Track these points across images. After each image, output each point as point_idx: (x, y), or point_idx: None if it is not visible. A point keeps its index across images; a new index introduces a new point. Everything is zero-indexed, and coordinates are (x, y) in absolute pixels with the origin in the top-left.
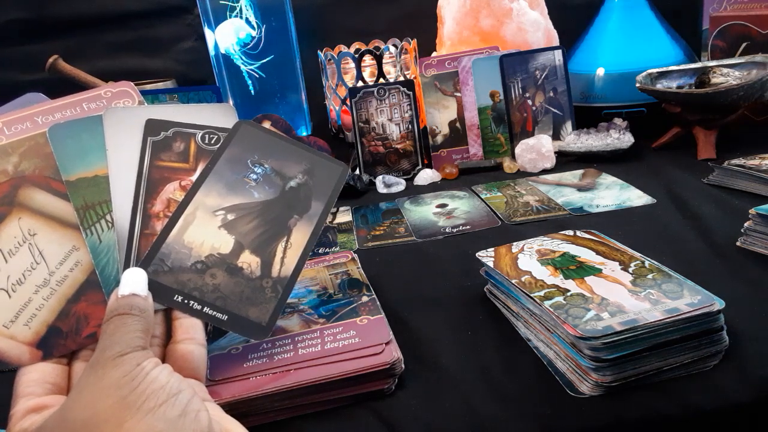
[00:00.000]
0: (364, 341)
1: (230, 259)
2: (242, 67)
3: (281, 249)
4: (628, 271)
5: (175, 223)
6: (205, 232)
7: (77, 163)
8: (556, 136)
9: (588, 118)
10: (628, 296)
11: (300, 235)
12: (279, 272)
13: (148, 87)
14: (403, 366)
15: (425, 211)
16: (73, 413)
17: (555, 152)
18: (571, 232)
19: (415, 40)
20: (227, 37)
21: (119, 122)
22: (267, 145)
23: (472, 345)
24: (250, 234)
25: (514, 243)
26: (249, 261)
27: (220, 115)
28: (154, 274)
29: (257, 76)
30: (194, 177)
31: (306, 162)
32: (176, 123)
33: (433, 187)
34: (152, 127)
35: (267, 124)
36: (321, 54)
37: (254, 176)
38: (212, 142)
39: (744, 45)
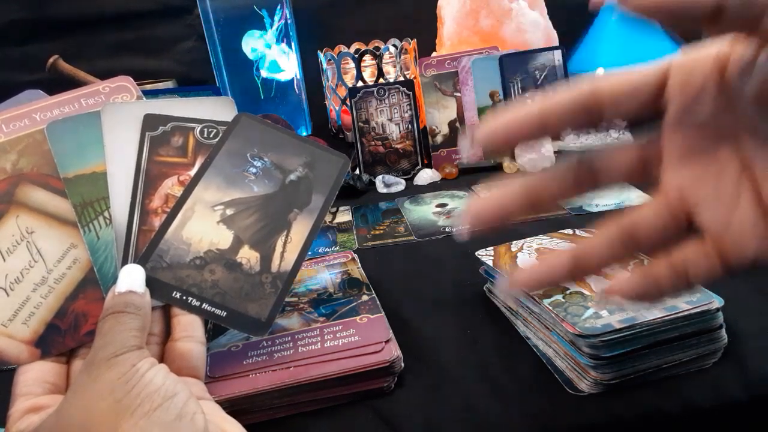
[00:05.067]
0: (363, 339)
1: (229, 255)
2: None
3: (281, 244)
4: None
5: (174, 218)
6: (203, 227)
7: (75, 160)
8: (555, 136)
9: None
10: None
11: (300, 229)
12: (279, 267)
13: (149, 87)
14: (402, 364)
15: (425, 211)
16: (69, 416)
17: (555, 152)
18: (570, 231)
19: (415, 40)
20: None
21: (117, 118)
22: (267, 138)
23: (472, 343)
24: (250, 229)
25: (514, 242)
26: (248, 256)
27: (220, 109)
28: (152, 270)
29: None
30: (193, 172)
31: (306, 155)
32: (175, 117)
33: (432, 187)
34: (150, 122)
35: None
36: (321, 54)
37: (254, 170)
38: (211, 135)
39: None
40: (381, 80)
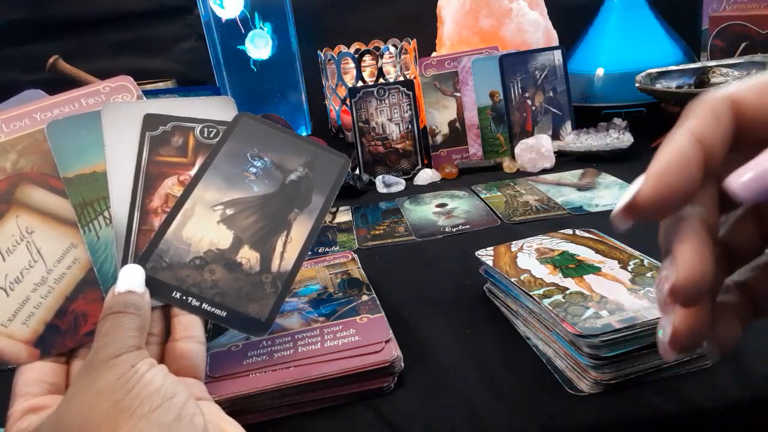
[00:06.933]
0: (363, 339)
1: (229, 255)
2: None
3: (281, 244)
4: (627, 270)
5: (174, 218)
6: (203, 227)
7: (75, 160)
8: (555, 136)
9: (587, 117)
10: (627, 294)
11: (300, 230)
12: (279, 267)
13: (149, 87)
14: (402, 364)
15: (425, 211)
16: (68, 417)
17: (554, 152)
18: (570, 231)
19: (415, 40)
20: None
21: (117, 117)
22: (267, 138)
23: (472, 343)
24: (250, 229)
25: (514, 242)
26: (248, 256)
27: (220, 108)
28: (152, 270)
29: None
30: (193, 171)
31: (307, 154)
32: (175, 117)
33: (432, 187)
34: (150, 121)
35: None
36: (321, 54)
37: (254, 170)
38: (211, 135)
39: (743, 45)
40: (381, 80)
